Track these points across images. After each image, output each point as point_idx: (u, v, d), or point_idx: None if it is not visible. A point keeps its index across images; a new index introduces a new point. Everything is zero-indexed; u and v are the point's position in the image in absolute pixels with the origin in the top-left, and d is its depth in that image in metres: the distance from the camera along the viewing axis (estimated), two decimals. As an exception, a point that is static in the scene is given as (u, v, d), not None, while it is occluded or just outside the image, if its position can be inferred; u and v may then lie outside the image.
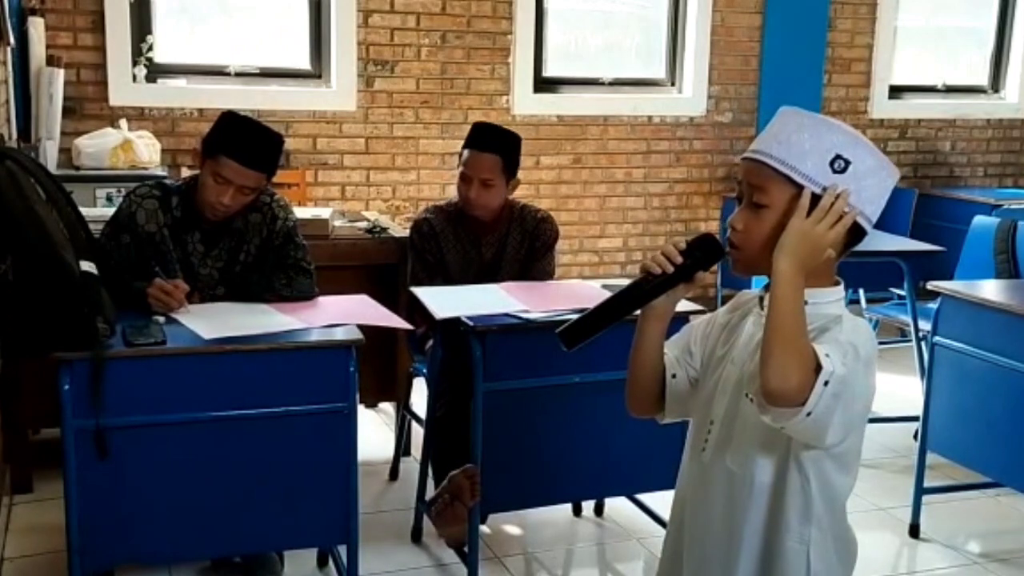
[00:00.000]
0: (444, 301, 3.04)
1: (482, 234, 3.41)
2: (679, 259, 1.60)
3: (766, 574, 1.61)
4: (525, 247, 3.43)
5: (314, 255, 3.10)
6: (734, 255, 1.60)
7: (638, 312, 1.67)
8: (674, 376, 1.72)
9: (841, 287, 1.59)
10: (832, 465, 1.58)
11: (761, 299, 1.62)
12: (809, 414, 1.43)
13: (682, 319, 1.80)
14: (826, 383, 1.42)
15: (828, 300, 1.56)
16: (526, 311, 2.93)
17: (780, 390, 1.42)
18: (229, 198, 2.81)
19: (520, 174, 3.46)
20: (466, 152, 3.35)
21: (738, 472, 1.61)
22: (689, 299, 2.56)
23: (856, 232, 1.55)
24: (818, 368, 1.42)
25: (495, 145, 3.33)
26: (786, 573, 1.59)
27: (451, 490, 2.95)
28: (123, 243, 2.88)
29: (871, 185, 1.54)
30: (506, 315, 2.92)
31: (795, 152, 1.52)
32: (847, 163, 1.51)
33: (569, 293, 3.16)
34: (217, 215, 2.87)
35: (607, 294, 3.13)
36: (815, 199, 1.51)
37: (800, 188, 1.52)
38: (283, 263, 2.98)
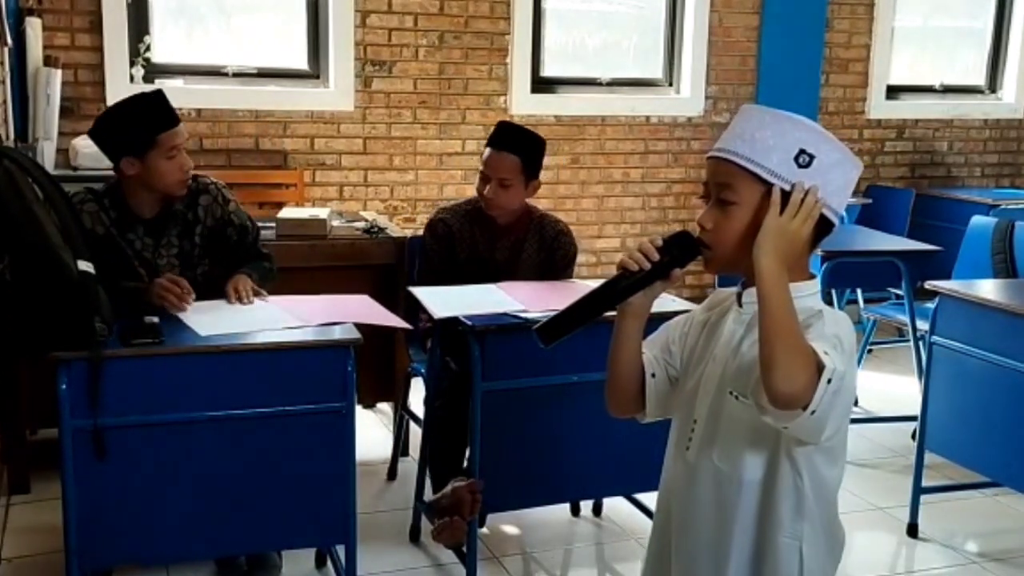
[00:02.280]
0: (442, 300, 3.04)
1: (497, 236, 3.38)
2: (656, 256, 1.60)
3: (758, 571, 1.61)
4: (542, 257, 3.40)
5: (312, 255, 3.11)
6: (706, 254, 1.61)
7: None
8: (653, 375, 1.72)
9: (816, 280, 1.61)
10: (822, 459, 1.58)
11: (739, 296, 1.63)
12: (813, 412, 1.43)
13: (666, 318, 1.79)
14: (829, 380, 1.43)
15: (806, 294, 1.58)
16: (524, 311, 2.93)
17: (789, 393, 1.42)
18: (187, 160, 2.89)
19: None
20: (487, 151, 3.33)
21: (726, 470, 1.61)
22: (686, 298, 2.56)
23: (824, 225, 1.57)
24: (819, 366, 1.43)
25: (515, 145, 3.31)
26: (779, 569, 1.59)
27: (452, 502, 2.94)
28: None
29: (836, 178, 1.57)
30: (504, 315, 2.92)
31: (760, 148, 1.54)
32: (811, 157, 1.54)
33: (567, 293, 3.16)
34: (184, 187, 2.91)
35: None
36: (784, 195, 1.53)
37: (767, 184, 1.54)
38: (247, 256, 3.04)
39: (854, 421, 4.35)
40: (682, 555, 1.69)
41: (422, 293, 3.11)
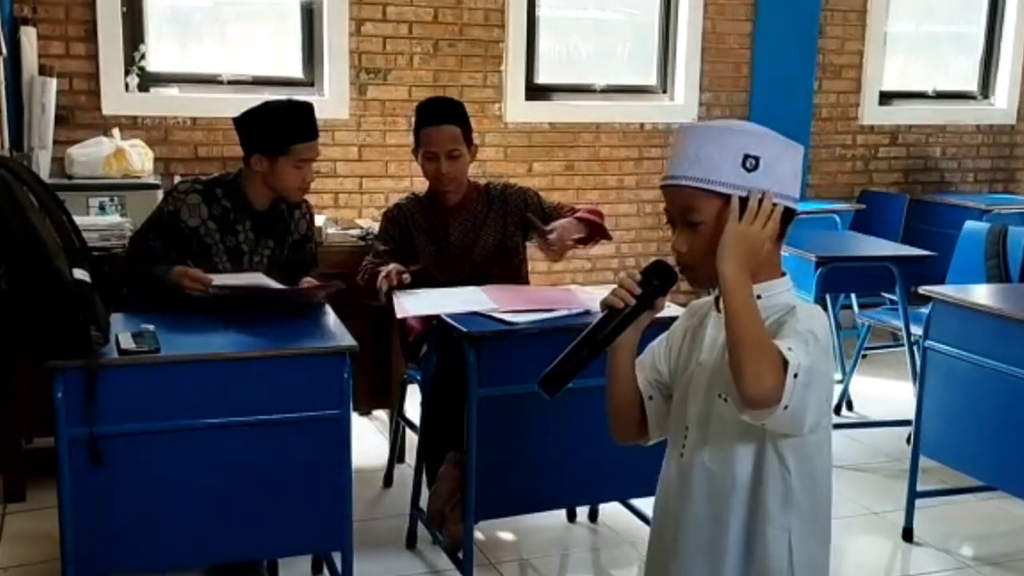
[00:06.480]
0: (413, 302, 3.09)
1: (450, 216, 3.45)
2: (638, 290, 1.65)
3: (749, 565, 1.64)
4: (499, 217, 3.46)
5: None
6: (687, 275, 1.67)
7: None
8: (651, 398, 1.78)
9: (788, 277, 1.66)
10: (808, 449, 1.62)
11: (717, 300, 1.67)
12: (786, 407, 1.48)
13: (662, 322, 1.81)
14: (796, 375, 1.48)
15: (779, 291, 1.63)
16: (496, 309, 2.95)
17: (757, 395, 1.48)
18: (311, 173, 3.11)
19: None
20: (424, 132, 3.39)
21: (718, 470, 1.65)
22: (681, 303, 2.56)
23: (786, 215, 1.61)
24: (785, 362, 1.48)
25: (449, 116, 3.39)
26: (769, 562, 1.62)
27: (451, 486, 3.01)
28: (152, 246, 3.04)
29: (784, 170, 1.61)
30: (479, 315, 2.95)
31: (707, 167, 1.59)
32: (756, 159, 1.58)
33: (544, 296, 3.18)
34: (301, 196, 3.16)
35: (581, 294, 3.13)
36: (742, 202, 1.57)
37: (724, 196, 1.58)
38: (308, 262, 3.28)
39: (850, 426, 4.40)
40: (680, 555, 1.72)
41: (398, 295, 3.13)
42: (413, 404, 3.62)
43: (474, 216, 3.47)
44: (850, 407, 4.66)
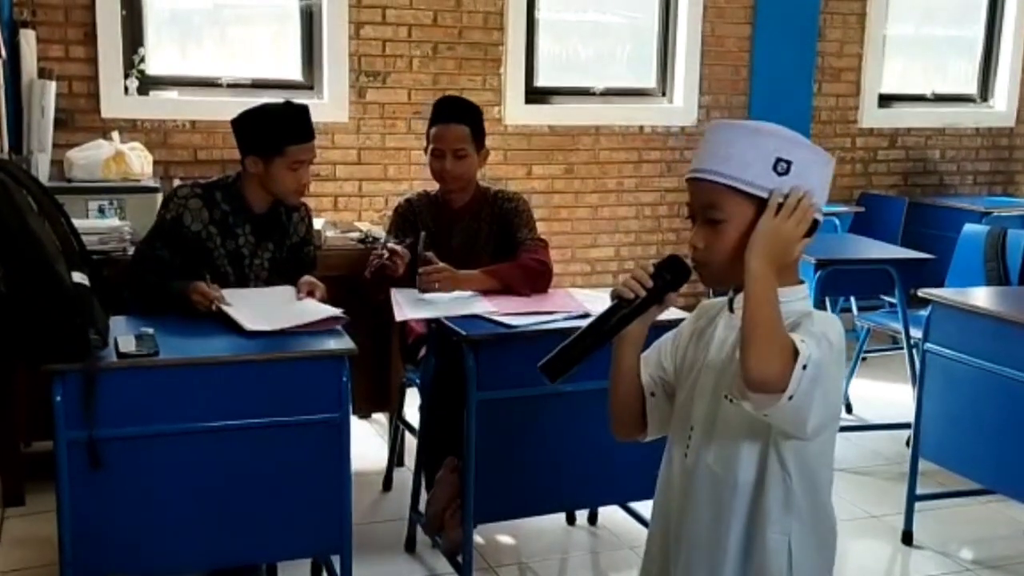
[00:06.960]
0: (412, 303, 3.09)
1: (454, 221, 3.45)
2: (650, 282, 1.64)
3: (749, 568, 1.64)
4: (497, 230, 3.46)
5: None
6: (701, 272, 1.65)
7: None
8: (653, 395, 1.77)
9: (805, 285, 1.65)
10: (810, 455, 1.61)
11: (730, 302, 1.66)
12: (791, 398, 1.47)
13: (661, 326, 1.81)
14: (804, 366, 1.47)
15: (796, 298, 1.61)
16: (495, 312, 2.96)
17: (762, 377, 1.46)
18: (307, 176, 3.11)
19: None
20: (434, 129, 3.41)
21: (721, 473, 1.65)
22: (680, 307, 2.57)
23: (811, 224, 1.60)
24: (795, 353, 1.47)
25: (461, 116, 3.40)
26: (769, 565, 1.62)
27: (450, 492, 3.00)
28: (160, 255, 3.02)
29: (814, 178, 1.60)
30: (477, 317, 2.95)
31: (737, 165, 1.57)
32: (788, 164, 1.56)
33: (542, 300, 3.18)
34: (298, 198, 3.16)
35: (580, 297, 3.13)
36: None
37: (751, 197, 1.57)
38: (308, 264, 3.26)
39: (849, 429, 4.40)
40: (680, 556, 1.72)
41: (397, 294, 3.13)
42: (413, 408, 3.62)
43: (477, 225, 3.46)
44: (849, 410, 4.66)
